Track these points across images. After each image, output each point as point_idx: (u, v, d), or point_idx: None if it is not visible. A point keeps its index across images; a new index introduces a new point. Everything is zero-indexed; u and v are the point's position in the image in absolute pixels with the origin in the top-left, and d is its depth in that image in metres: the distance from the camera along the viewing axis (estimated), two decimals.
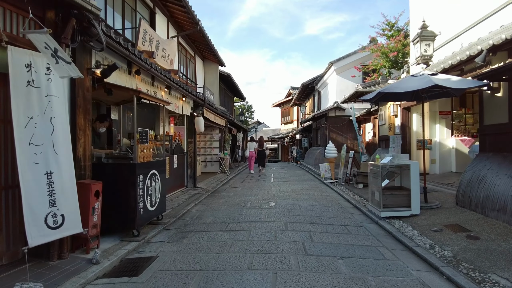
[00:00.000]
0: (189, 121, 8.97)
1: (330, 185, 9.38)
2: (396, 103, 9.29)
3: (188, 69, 11.65)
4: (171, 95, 7.10)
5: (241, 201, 6.91)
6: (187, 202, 6.96)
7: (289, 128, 31.34)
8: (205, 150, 13.57)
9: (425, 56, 7.17)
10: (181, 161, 8.50)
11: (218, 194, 8.23)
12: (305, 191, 8.36)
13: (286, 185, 9.62)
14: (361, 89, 11.83)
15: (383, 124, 10.41)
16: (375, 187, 5.60)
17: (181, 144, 8.61)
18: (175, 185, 8.10)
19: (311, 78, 21.02)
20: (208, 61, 13.93)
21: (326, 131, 16.33)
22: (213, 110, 10.73)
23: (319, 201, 6.83)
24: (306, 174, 13.37)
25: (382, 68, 13.80)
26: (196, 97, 8.47)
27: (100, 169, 4.16)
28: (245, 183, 10.30)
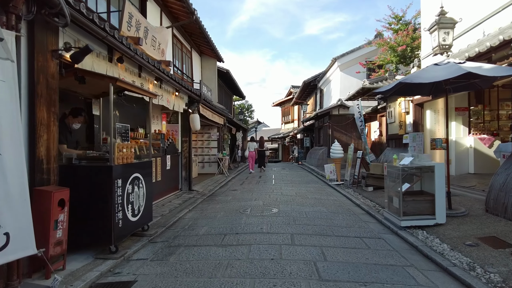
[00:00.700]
0: (183, 119, 8.27)
1: (336, 188, 8.68)
2: (407, 99, 8.60)
3: (184, 64, 10.94)
4: (162, 89, 6.40)
5: (240, 206, 6.21)
6: (180, 208, 6.26)
7: (290, 128, 30.65)
8: (202, 150, 12.87)
9: (443, 45, 6.46)
10: (174, 162, 7.80)
11: (215, 198, 7.52)
12: (310, 194, 7.66)
13: (289, 187, 8.91)
14: (368, 85, 11.13)
15: (393, 122, 9.72)
16: (393, 192, 4.90)
17: (174, 144, 7.91)
18: (168, 188, 7.40)
19: (313, 76, 20.32)
20: (206, 56, 13.23)
21: (329, 130, 15.63)
22: (210, 108, 10.03)
23: (327, 207, 6.13)
24: (309, 175, 12.67)
25: (388, 63, 13.09)
26: (191, 92, 7.77)
27: (70, 172, 3.46)
28: (244, 186, 9.60)
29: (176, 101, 7.21)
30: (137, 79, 5.19)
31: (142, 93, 4.39)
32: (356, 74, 15.19)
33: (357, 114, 10.27)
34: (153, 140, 7.11)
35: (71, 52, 3.38)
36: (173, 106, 6.96)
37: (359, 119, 9.88)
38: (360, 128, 9.60)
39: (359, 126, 9.61)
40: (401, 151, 8.92)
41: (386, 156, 9.67)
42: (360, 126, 9.58)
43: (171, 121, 8.29)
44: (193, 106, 8.10)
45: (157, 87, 6.10)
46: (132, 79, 5.00)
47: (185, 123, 8.24)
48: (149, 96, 4.62)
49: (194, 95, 7.98)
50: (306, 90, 22.58)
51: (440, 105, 8.23)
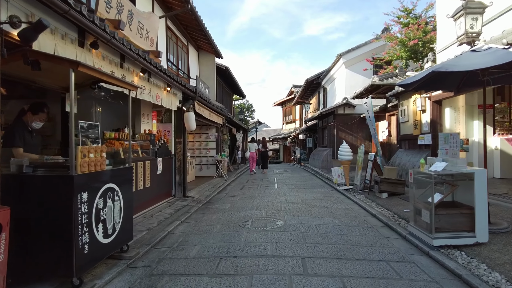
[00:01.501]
0: (177, 117, 7.49)
1: (346, 194, 7.89)
2: (424, 95, 7.82)
3: (179, 59, 10.17)
4: (151, 83, 5.63)
5: (240, 217, 5.43)
6: (170, 219, 5.48)
7: (291, 128, 29.87)
8: (200, 152, 12.09)
9: (471, 33, 5.67)
10: (167, 166, 7.03)
11: (212, 206, 6.74)
12: (318, 202, 6.87)
13: (294, 193, 8.12)
14: (377, 82, 10.33)
15: (406, 122, 8.92)
16: (421, 203, 4.11)
17: (167, 145, 7.13)
18: (159, 195, 6.62)
19: (316, 74, 19.54)
20: (204, 52, 12.46)
21: (334, 130, 14.85)
22: (207, 106, 9.25)
23: (340, 218, 5.34)
24: (314, 179, 11.88)
25: (398, 59, 12.30)
26: (185, 88, 6.99)
27: (17, 184, 2.68)
28: (245, 191, 8.81)
29: (168, 98, 6.43)
30: (117, 70, 4.41)
31: (118, 83, 3.61)
32: (363, 71, 14.39)
33: (367, 113, 9.47)
34: (141, 142, 6.35)
35: (20, 28, 2.61)
36: (164, 103, 6.18)
37: (369, 118, 9.08)
38: (373, 127, 8.80)
39: (371, 126, 8.80)
40: (416, 153, 8.15)
41: (399, 159, 8.89)
42: (373, 125, 8.78)
43: (164, 120, 7.52)
44: (188, 103, 7.32)
45: (143, 80, 5.32)
46: (111, 69, 4.23)
47: (179, 122, 7.46)
48: (128, 89, 3.83)
49: (188, 91, 7.20)
50: (308, 89, 21.79)
51: (460, 102, 7.44)
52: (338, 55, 14.95)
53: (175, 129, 7.49)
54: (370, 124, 8.95)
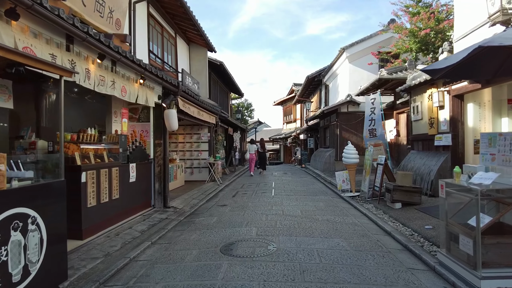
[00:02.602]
0: (157, 116, 6.48)
1: (352, 203, 6.86)
2: (442, 89, 6.77)
3: (165, 51, 9.17)
4: (115, 73, 4.62)
5: (224, 238, 4.41)
6: (139, 239, 4.47)
7: (292, 128, 28.82)
8: (191, 154, 11.08)
9: (508, 10, 4.64)
10: (143, 172, 6.03)
11: (195, 219, 5.72)
12: (320, 214, 5.84)
13: (292, 202, 7.09)
14: (386, 76, 9.31)
15: (419, 120, 7.88)
16: (459, 226, 3.08)
17: (144, 148, 6.13)
18: (132, 207, 5.61)
19: (317, 70, 18.51)
20: (195, 45, 11.44)
21: (337, 129, 13.81)
22: (195, 103, 8.24)
23: (347, 238, 4.31)
24: (315, 183, 10.84)
25: (407, 52, 11.24)
26: (165, 82, 5.98)
27: None
28: (237, 198, 7.79)
29: (142, 92, 5.42)
30: (61, 53, 3.40)
31: (40, 66, 2.59)
32: (368, 66, 13.33)
33: (368, 110, 8.40)
34: (109, 145, 5.35)
35: None
36: (135, 97, 5.17)
37: (369, 116, 8.02)
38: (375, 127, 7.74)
39: (373, 125, 7.74)
40: (432, 155, 7.10)
41: (411, 162, 7.84)
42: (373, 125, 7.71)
43: (141, 119, 6.51)
44: (169, 99, 6.31)
45: (105, 69, 4.31)
46: (50, 51, 3.21)
47: (159, 121, 6.46)
48: (58, 74, 2.81)
49: (169, 85, 6.19)
50: (309, 87, 20.75)
51: (486, 97, 6.39)
52: (341, 49, 13.90)
53: (154, 129, 6.49)
54: (367, 124, 7.89)
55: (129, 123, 6.53)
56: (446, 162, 6.50)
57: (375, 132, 7.62)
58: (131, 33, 6.79)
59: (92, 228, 4.38)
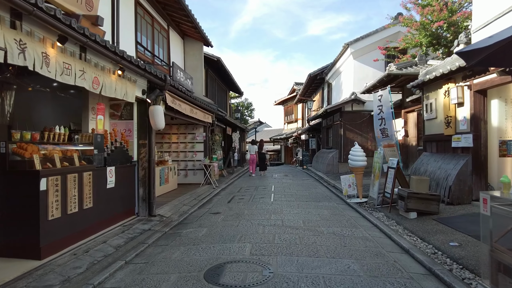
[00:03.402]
0: (141, 113, 5.79)
1: (360, 211, 6.15)
2: (462, 84, 6.05)
3: (156, 44, 8.47)
4: (87, 62, 3.92)
5: (212, 257, 3.70)
6: (112, 258, 3.77)
7: (293, 128, 28.10)
8: (185, 155, 10.38)
9: None
10: (125, 176, 5.34)
11: (182, 231, 5.02)
12: (325, 225, 5.12)
13: (294, 209, 6.38)
14: (395, 71, 8.59)
15: (433, 118, 7.16)
16: (510, 253, 2.36)
17: (126, 149, 5.44)
18: (110, 217, 4.92)
19: (319, 68, 17.79)
20: (190, 39, 10.75)
21: (340, 129, 13.09)
22: (188, 100, 7.54)
23: (359, 259, 3.60)
24: (318, 186, 10.12)
25: (416, 46, 10.52)
26: (148, 74, 5.28)
27: None
28: (232, 205, 7.08)
29: (121, 85, 4.72)
30: (5, 32, 2.71)
31: None
32: (373, 62, 12.61)
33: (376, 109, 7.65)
34: (82, 146, 4.66)
35: None
36: (111, 91, 4.47)
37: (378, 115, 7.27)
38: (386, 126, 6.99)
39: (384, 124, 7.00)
40: (449, 158, 6.38)
41: (424, 165, 7.12)
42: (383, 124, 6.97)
43: (124, 116, 5.81)
44: (154, 94, 5.61)
45: (71, 56, 3.61)
46: None
47: (144, 119, 5.76)
48: None
49: (154, 77, 5.49)
50: (311, 85, 20.04)
51: (509, 93, 5.67)
52: (345, 44, 13.17)
53: (138, 128, 5.79)
54: (377, 123, 7.15)
55: (110, 121, 5.84)
56: (466, 166, 5.77)
57: (387, 131, 6.90)
58: (115, 21, 6.11)
59: (54, 245, 3.68)
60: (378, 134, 7.24)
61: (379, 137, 7.22)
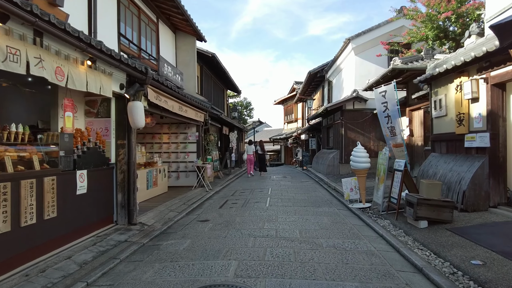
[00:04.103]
0: (120, 110, 5.21)
1: (363, 218, 5.56)
2: (477, 77, 5.45)
3: (143, 37, 7.89)
4: (46, 50, 3.34)
5: (188, 279, 3.12)
6: (71, 279, 3.18)
7: (293, 128, 27.52)
8: (177, 156, 9.80)
9: None
10: (101, 180, 4.77)
11: (162, 243, 4.44)
12: (325, 236, 4.53)
13: (290, 216, 5.78)
14: (400, 65, 8.00)
15: (442, 116, 6.56)
16: None
17: (101, 150, 4.86)
18: (84, 226, 4.34)
19: (319, 65, 17.20)
20: (182, 33, 10.17)
21: (341, 129, 12.49)
22: (176, 96, 6.95)
23: (364, 281, 3.01)
24: (318, 189, 9.52)
25: (422, 40, 9.93)
26: (124, 65, 4.70)
27: None
28: (224, 211, 6.50)
29: (94, 78, 4.14)
30: None
31: None
32: (376, 58, 12.02)
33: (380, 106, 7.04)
34: (46, 147, 4.08)
35: None
36: (85, 85, 3.90)
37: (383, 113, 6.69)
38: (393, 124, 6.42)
39: (391, 122, 6.44)
40: (462, 159, 5.78)
41: (433, 167, 6.52)
42: (390, 123, 6.40)
43: (100, 113, 5.23)
44: (133, 89, 5.02)
45: (20, 39, 3.04)
46: None
47: (122, 116, 5.18)
48: None
49: (132, 70, 4.91)
50: (311, 84, 19.44)
51: None
52: (347, 40, 12.58)
53: (116, 127, 5.21)
54: (384, 121, 6.58)
55: (86, 119, 5.27)
56: (482, 168, 5.17)
57: (395, 130, 6.34)
58: (92, 9, 5.53)
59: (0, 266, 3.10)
60: (386, 133, 6.66)
61: (387, 136, 6.65)
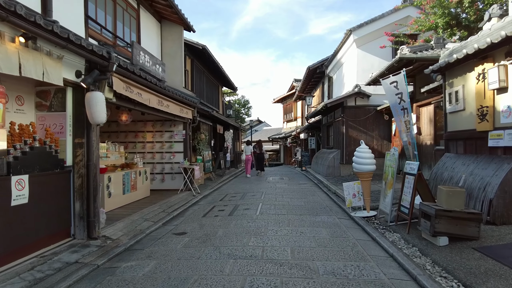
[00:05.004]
0: (78, 102, 4.34)
1: (368, 230, 4.69)
2: (505, 62, 4.57)
3: (120, 22, 7.03)
4: None
5: None
6: None
7: (293, 127, 26.63)
8: (162, 156, 8.94)
9: None
10: (51, 187, 3.92)
11: (120, 266, 3.58)
12: (322, 257, 3.67)
13: (282, 228, 4.91)
14: (408, 55, 7.12)
15: (459, 111, 5.69)
16: None
17: (52, 150, 4.00)
18: (24, 245, 3.49)
19: (319, 60, 16.33)
20: (168, 23, 9.31)
21: (342, 127, 11.61)
22: (153, 88, 6.08)
23: None
24: (316, 193, 8.65)
25: (431, 30, 9.06)
26: (78, 48, 3.84)
27: None
28: (206, 220, 5.64)
29: (33, 61, 3.29)
30: None
31: None
32: (379, 51, 11.15)
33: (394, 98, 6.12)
34: None
35: None
36: (17, 68, 3.05)
37: (396, 106, 5.85)
38: (409, 118, 5.57)
39: (407, 116, 5.59)
40: (487, 161, 4.90)
41: (447, 170, 5.66)
42: (406, 116, 5.56)
43: (54, 107, 4.37)
44: (91, 76, 4.16)
45: None
46: None
47: (82, 111, 4.32)
48: None
49: (90, 54, 4.05)
50: (311, 80, 18.57)
51: None
52: (348, 31, 11.69)
53: (73, 123, 4.35)
54: (401, 114, 5.72)
55: (36, 113, 4.41)
56: None
57: (409, 125, 5.50)
58: None
59: None
60: (402, 128, 5.82)
61: (403, 131, 5.81)
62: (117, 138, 8.95)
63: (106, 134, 9.04)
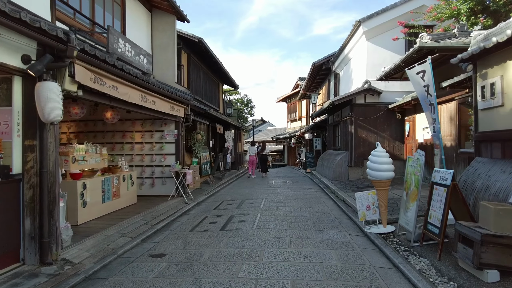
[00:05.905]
0: (28, 96, 3.51)
1: (388, 253, 3.79)
2: None
3: (99, 6, 6.20)
4: None
5: None
6: None
7: (297, 127, 25.70)
8: (152, 159, 8.10)
9: None
10: None
11: None
12: None
13: (282, 251, 4.03)
14: (429, 43, 6.18)
15: (496, 106, 4.76)
16: None
17: None
18: None
19: (325, 56, 15.38)
20: (159, 12, 8.47)
21: (351, 126, 10.68)
22: (132, 81, 5.23)
23: None
24: (323, 200, 7.75)
25: (451, 18, 8.09)
26: (25, 26, 3.01)
27: None
28: (192, 237, 4.78)
29: None
30: None
31: None
32: (391, 44, 10.18)
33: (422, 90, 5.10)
34: None
35: None
36: None
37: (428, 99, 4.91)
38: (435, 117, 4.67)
39: (433, 113, 4.69)
40: None
41: (480, 177, 4.73)
42: (433, 113, 4.66)
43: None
44: (41, 63, 3.31)
45: None
46: None
47: (33, 105, 3.47)
48: None
49: (41, 35, 3.21)
50: (316, 77, 17.65)
51: None
52: (357, 22, 10.74)
53: (23, 121, 3.52)
54: (431, 108, 4.82)
55: None
56: None
57: (434, 124, 4.62)
58: None
59: None
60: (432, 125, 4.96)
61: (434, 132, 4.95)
62: (104, 138, 8.17)
63: (91, 134, 8.27)
